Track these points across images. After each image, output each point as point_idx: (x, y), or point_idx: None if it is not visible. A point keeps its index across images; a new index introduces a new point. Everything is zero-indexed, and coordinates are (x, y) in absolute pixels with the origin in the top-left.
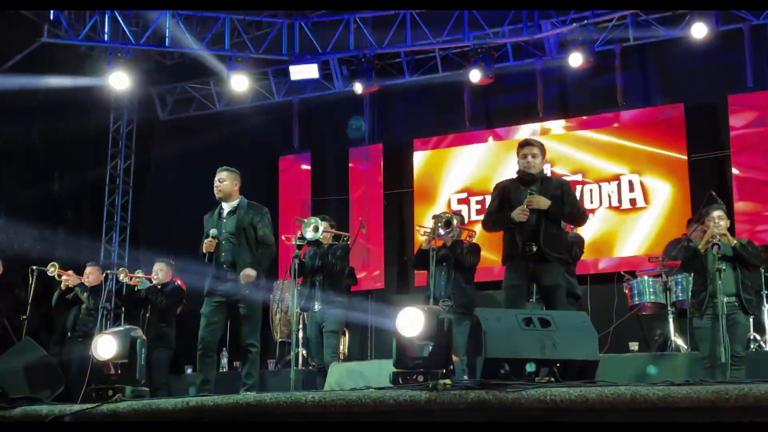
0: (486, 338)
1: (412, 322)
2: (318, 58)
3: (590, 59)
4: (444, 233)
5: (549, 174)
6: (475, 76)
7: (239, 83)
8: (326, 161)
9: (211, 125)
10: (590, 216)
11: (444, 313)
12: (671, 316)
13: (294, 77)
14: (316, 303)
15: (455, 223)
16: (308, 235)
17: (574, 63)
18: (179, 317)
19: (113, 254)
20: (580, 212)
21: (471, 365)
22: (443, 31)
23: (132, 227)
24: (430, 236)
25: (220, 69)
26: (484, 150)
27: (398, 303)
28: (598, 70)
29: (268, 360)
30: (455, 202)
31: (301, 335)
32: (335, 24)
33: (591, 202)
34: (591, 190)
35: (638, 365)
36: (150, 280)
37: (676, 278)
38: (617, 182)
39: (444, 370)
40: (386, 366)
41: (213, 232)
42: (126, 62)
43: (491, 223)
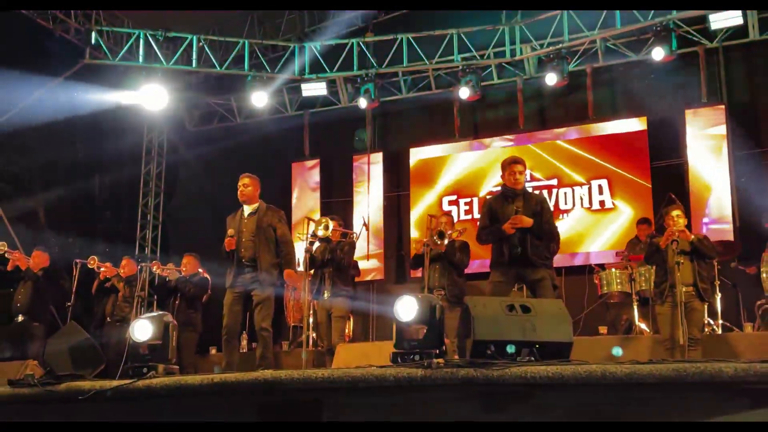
0: (474, 323)
1: (409, 309)
2: (326, 77)
3: (564, 78)
4: (440, 243)
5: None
6: (464, 93)
7: (258, 99)
8: (333, 167)
9: (233, 135)
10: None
11: (437, 301)
12: (635, 304)
13: (305, 93)
14: (326, 292)
15: (448, 234)
16: (319, 233)
17: (551, 81)
18: (204, 304)
19: (146, 249)
20: (554, 229)
21: (461, 347)
22: (436, 53)
23: (163, 225)
24: (429, 247)
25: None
26: (472, 157)
27: (396, 292)
28: (572, 88)
29: (283, 342)
30: (446, 204)
31: (312, 320)
32: (341, 47)
33: (565, 204)
34: (565, 193)
35: (607, 346)
36: (179, 272)
37: (640, 270)
38: (588, 186)
39: (437, 351)
40: (387, 347)
41: (231, 232)
42: (158, 80)
43: (484, 237)
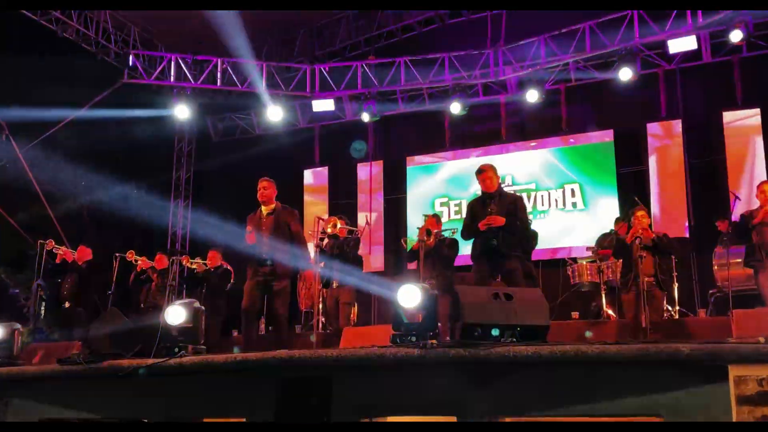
0: (463, 308)
1: (411, 297)
2: (333, 95)
3: (542, 95)
4: (427, 239)
5: (505, 188)
6: (454, 108)
7: (274, 113)
8: (340, 173)
9: (252, 146)
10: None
11: (433, 290)
12: (604, 292)
13: (315, 109)
14: (334, 281)
15: (434, 232)
16: (329, 230)
17: (530, 98)
18: (227, 293)
19: (177, 244)
20: (527, 225)
21: (452, 329)
22: (429, 74)
23: (191, 224)
24: (424, 242)
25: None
26: (461, 165)
27: (395, 282)
28: (548, 104)
29: (296, 325)
30: (438, 205)
31: (322, 306)
32: (347, 69)
33: (542, 205)
34: (542, 196)
35: (579, 329)
36: (205, 265)
37: (608, 263)
38: (562, 190)
39: (431, 333)
40: (387, 330)
41: (249, 228)
42: (187, 97)
43: (467, 234)
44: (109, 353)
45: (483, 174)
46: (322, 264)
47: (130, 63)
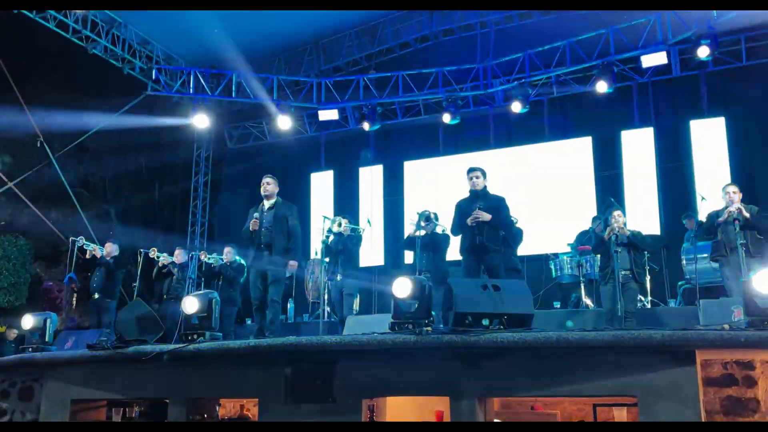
0: (455, 298)
1: (404, 288)
2: (338, 105)
3: (526, 106)
4: (425, 225)
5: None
6: (447, 118)
7: (284, 123)
8: (344, 176)
9: (264, 152)
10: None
11: (426, 281)
12: (582, 284)
13: (321, 119)
14: (338, 274)
15: (432, 218)
16: (333, 228)
17: (516, 109)
18: (241, 285)
19: (196, 241)
20: (510, 222)
21: (445, 317)
22: (424, 87)
23: (209, 223)
24: (416, 227)
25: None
26: (453, 168)
27: (393, 275)
28: (532, 114)
29: (304, 314)
30: (432, 206)
31: (327, 297)
32: (350, 82)
33: (527, 204)
34: (527, 196)
35: (560, 318)
36: (221, 259)
37: (586, 258)
38: (545, 190)
39: (426, 321)
40: (386, 318)
41: (256, 215)
42: (205, 108)
43: (455, 230)
44: (135, 339)
45: (472, 174)
46: (327, 259)
47: (153, 76)
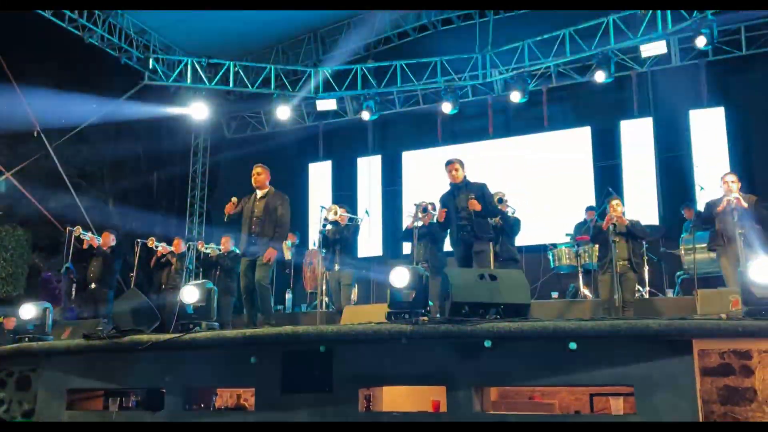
0: (452, 288)
1: (401, 278)
2: (336, 95)
3: (525, 96)
4: (422, 216)
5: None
6: (446, 108)
7: (282, 112)
8: (342, 166)
9: (262, 141)
10: (509, 211)
11: (423, 271)
12: (580, 274)
13: (319, 108)
14: (336, 264)
15: (430, 209)
16: (330, 218)
17: (514, 99)
18: (239, 274)
19: (194, 231)
20: (495, 208)
21: (442, 307)
22: (423, 76)
23: (207, 212)
24: (414, 218)
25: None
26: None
27: (391, 265)
28: (531, 104)
29: (302, 304)
30: (430, 196)
31: (325, 287)
32: (348, 72)
33: (525, 194)
34: (525, 186)
35: (558, 308)
36: (218, 250)
37: (584, 247)
38: (543, 180)
39: (423, 311)
40: (383, 308)
41: (234, 200)
42: (203, 97)
43: (444, 223)
44: (131, 329)
45: (450, 166)
46: (324, 249)
47: (151, 66)
